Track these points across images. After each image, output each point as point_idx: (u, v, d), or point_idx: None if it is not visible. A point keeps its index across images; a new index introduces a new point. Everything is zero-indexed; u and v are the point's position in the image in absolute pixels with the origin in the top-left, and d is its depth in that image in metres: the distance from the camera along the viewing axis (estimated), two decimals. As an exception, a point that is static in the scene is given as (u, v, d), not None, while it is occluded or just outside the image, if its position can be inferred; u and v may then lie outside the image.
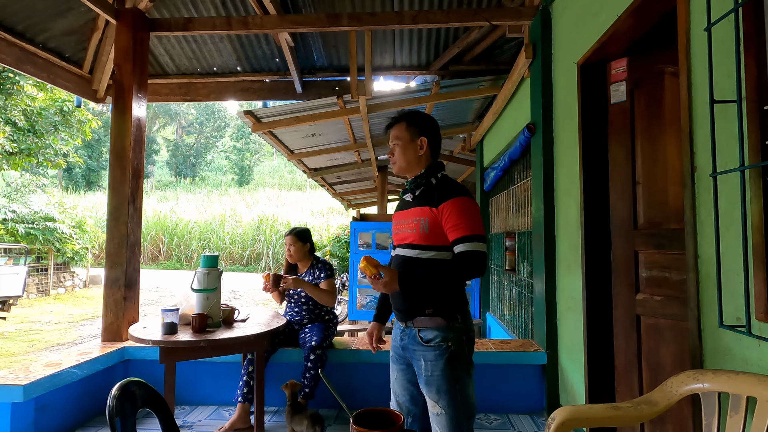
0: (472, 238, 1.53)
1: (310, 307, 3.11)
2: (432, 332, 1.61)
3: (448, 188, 1.63)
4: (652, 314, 2.11)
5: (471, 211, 1.58)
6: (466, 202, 1.59)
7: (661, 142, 2.10)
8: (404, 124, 1.72)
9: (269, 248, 18.55)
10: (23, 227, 10.98)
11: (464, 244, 1.54)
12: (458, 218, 1.55)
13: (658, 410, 1.36)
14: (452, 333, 1.60)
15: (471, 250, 1.53)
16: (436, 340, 1.60)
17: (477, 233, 1.55)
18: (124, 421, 1.18)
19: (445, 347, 1.59)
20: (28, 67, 3.63)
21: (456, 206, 1.56)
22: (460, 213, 1.55)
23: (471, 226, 1.54)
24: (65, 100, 9.93)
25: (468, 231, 1.54)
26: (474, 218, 1.57)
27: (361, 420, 1.15)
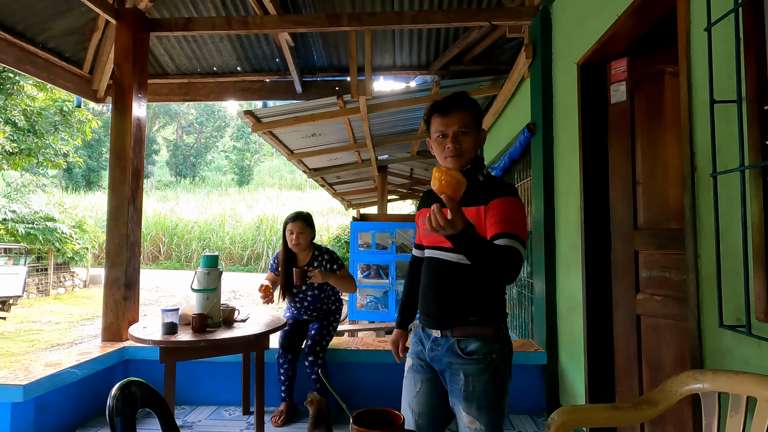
0: (514, 236, 1.33)
1: (317, 305, 2.98)
2: (475, 343, 1.43)
3: (500, 186, 1.46)
4: (653, 314, 2.11)
5: (519, 213, 1.41)
6: (516, 203, 1.42)
7: (661, 142, 2.10)
8: (471, 113, 1.50)
9: (269, 248, 18.55)
10: (23, 227, 10.98)
11: (504, 239, 1.33)
12: (505, 215, 1.37)
13: (658, 410, 1.36)
14: (497, 344, 1.44)
15: (510, 245, 1.31)
16: (481, 352, 1.42)
17: (520, 235, 1.35)
18: (124, 421, 1.17)
19: (490, 360, 1.42)
20: (28, 67, 3.63)
21: (505, 204, 1.39)
22: (508, 211, 1.38)
23: (516, 226, 1.35)
24: (65, 100, 9.93)
25: (512, 229, 1.35)
26: (521, 221, 1.39)
27: (361, 420, 1.15)
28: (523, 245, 1.35)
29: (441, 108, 1.49)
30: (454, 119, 1.46)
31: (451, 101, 1.49)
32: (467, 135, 1.47)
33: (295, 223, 2.84)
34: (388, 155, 7.51)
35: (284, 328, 2.83)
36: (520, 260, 1.32)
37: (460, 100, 1.49)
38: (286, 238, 2.88)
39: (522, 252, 1.33)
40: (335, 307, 3.08)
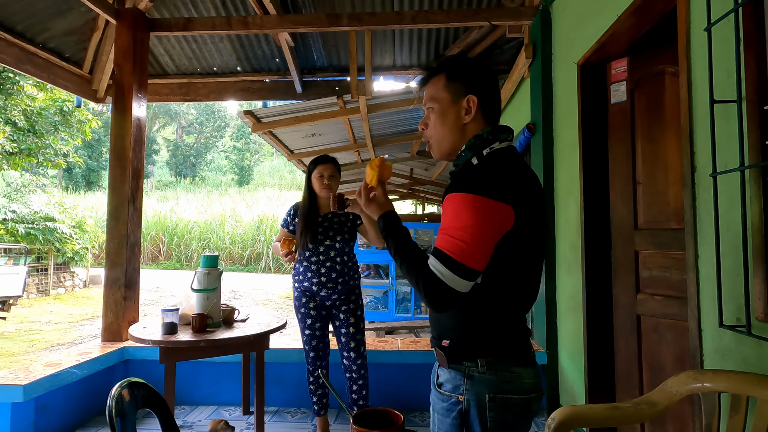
0: (443, 255, 1.00)
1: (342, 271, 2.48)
2: (445, 374, 1.12)
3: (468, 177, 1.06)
4: (653, 314, 2.11)
5: (459, 216, 1.01)
6: (459, 202, 1.02)
7: (661, 142, 2.10)
8: (443, 79, 1.14)
9: (269, 248, 18.53)
10: (23, 227, 10.97)
11: (432, 257, 1.03)
12: (448, 221, 1.03)
13: (658, 410, 1.36)
14: (467, 383, 1.07)
15: (432, 265, 1.02)
16: (447, 386, 1.11)
17: (444, 250, 1.00)
18: (124, 421, 1.18)
19: (455, 401, 1.08)
20: (28, 67, 3.63)
21: (447, 206, 1.04)
22: (444, 216, 1.04)
23: (444, 237, 1.02)
24: (65, 100, 9.92)
25: (439, 241, 1.02)
26: (458, 226, 1.00)
27: (361, 420, 1.15)
28: (450, 265, 0.99)
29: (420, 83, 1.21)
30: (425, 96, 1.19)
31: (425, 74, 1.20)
32: (432, 111, 1.15)
33: (326, 165, 2.46)
34: (388, 155, 7.51)
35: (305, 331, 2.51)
36: (432, 287, 1.00)
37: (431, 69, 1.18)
38: (312, 185, 2.48)
39: (437, 278, 0.99)
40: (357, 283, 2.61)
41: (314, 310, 2.53)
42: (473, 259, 0.99)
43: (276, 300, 10.77)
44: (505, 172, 1.06)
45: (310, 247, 2.48)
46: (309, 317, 2.53)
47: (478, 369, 1.07)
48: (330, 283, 2.49)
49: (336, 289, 2.51)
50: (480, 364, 1.07)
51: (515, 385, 1.07)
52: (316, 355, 2.54)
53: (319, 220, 2.50)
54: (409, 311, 7.24)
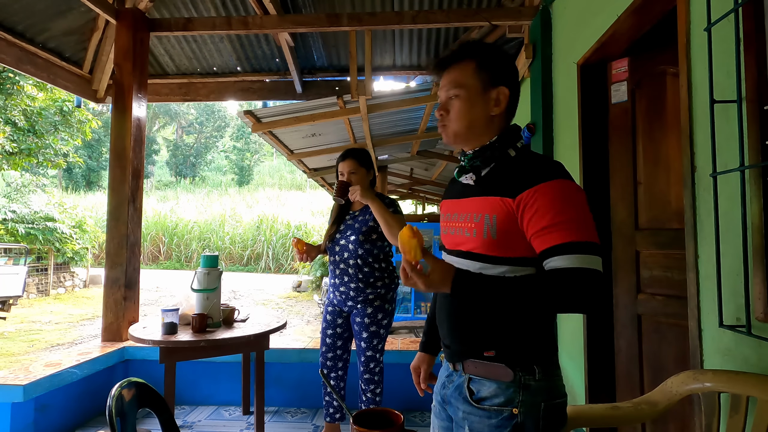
0: (578, 247, 0.91)
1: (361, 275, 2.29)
2: (489, 386, 1.02)
3: (536, 167, 1.00)
4: (653, 314, 2.11)
5: (575, 203, 0.94)
6: (566, 187, 0.95)
7: (662, 142, 2.10)
8: (473, 65, 1.06)
9: (269, 248, 18.54)
10: (23, 227, 10.97)
11: (564, 258, 0.91)
12: (553, 214, 0.93)
13: (659, 410, 1.36)
14: (523, 394, 0.99)
15: (576, 267, 0.90)
16: (495, 400, 1.00)
17: (587, 240, 0.92)
18: (124, 421, 1.18)
19: (508, 416, 0.98)
20: (28, 67, 3.63)
21: (549, 195, 0.94)
22: (556, 206, 0.93)
23: (576, 228, 0.92)
24: (65, 100, 9.92)
25: (572, 235, 0.92)
26: (581, 215, 0.94)
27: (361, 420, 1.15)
28: (596, 250, 0.93)
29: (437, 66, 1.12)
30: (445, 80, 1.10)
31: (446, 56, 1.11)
32: (457, 99, 1.07)
33: (345, 162, 2.28)
34: (388, 155, 7.51)
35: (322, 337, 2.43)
36: (594, 282, 0.91)
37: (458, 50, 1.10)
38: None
39: (597, 264, 0.92)
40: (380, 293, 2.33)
41: (330, 315, 2.43)
42: (596, 234, 0.96)
43: (276, 300, 10.77)
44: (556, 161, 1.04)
45: (328, 246, 2.37)
46: (324, 321, 2.46)
47: (535, 377, 1.00)
48: (342, 287, 2.33)
49: (348, 295, 2.32)
50: (537, 372, 1.00)
51: (561, 389, 1.04)
52: (323, 363, 2.43)
53: (347, 218, 2.37)
54: (409, 311, 7.24)
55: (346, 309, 2.40)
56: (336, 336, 2.44)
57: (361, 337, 2.35)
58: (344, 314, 2.42)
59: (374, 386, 2.40)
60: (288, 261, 17.91)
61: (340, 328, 2.43)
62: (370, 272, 2.31)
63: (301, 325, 7.78)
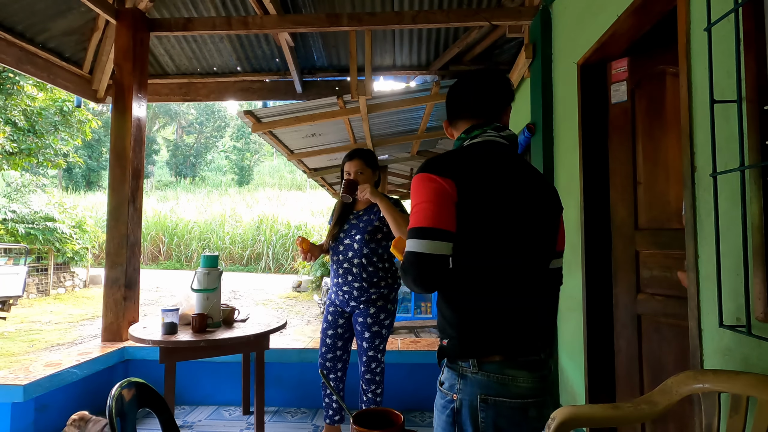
0: (411, 232, 1.07)
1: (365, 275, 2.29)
2: (445, 373, 1.14)
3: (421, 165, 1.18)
4: (653, 314, 2.11)
5: (419, 192, 1.09)
6: (416, 181, 1.11)
7: (662, 142, 2.10)
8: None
9: (269, 248, 18.54)
10: (23, 227, 10.97)
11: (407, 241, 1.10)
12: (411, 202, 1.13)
13: (659, 410, 1.36)
14: (461, 383, 1.08)
15: (407, 251, 1.08)
16: (445, 384, 1.12)
17: (417, 224, 1.06)
18: (124, 421, 1.18)
19: (450, 400, 1.09)
20: (28, 67, 3.63)
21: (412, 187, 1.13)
22: (412, 196, 1.12)
23: (414, 215, 1.08)
24: (65, 100, 9.92)
25: (411, 222, 1.09)
26: (421, 199, 1.08)
27: (361, 420, 1.15)
28: (415, 234, 1.04)
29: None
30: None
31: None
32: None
33: (352, 162, 2.28)
34: (388, 155, 7.51)
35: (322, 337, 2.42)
36: (407, 262, 1.05)
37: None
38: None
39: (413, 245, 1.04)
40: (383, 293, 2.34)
41: (332, 316, 2.42)
42: (439, 219, 1.04)
43: (276, 300, 10.77)
44: (451, 153, 1.15)
45: (332, 245, 2.36)
46: (325, 321, 2.45)
47: (470, 369, 1.07)
48: (345, 286, 2.33)
49: (352, 295, 2.32)
50: (472, 364, 1.06)
51: (508, 388, 1.05)
52: (323, 363, 2.43)
53: (350, 218, 2.37)
54: (409, 311, 7.24)
55: (348, 309, 2.40)
56: (337, 336, 2.44)
57: (363, 337, 2.35)
58: (346, 315, 2.42)
59: (375, 386, 2.40)
60: (288, 261, 17.91)
61: (341, 329, 2.44)
62: (375, 272, 2.32)
63: (301, 325, 7.78)
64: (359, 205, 2.39)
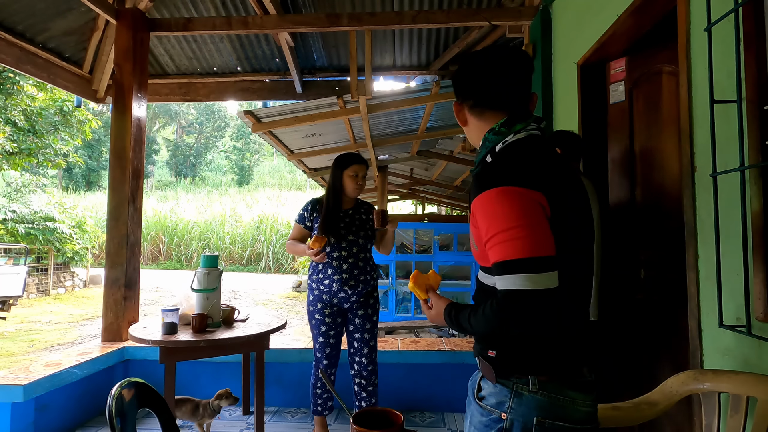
0: (509, 266, 0.88)
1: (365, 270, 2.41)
2: (488, 387, 1.01)
3: (483, 175, 0.96)
4: (652, 314, 2.11)
5: (507, 213, 0.89)
6: (497, 198, 0.90)
7: (659, 141, 2.10)
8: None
9: (269, 248, 18.54)
10: (23, 227, 10.97)
11: (500, 279, 0.90)
12: (489, 229, 0.91)
13: (659, 410, 1.36)
14: (514, 402, 0.95)
15: (506, 290, 0.88)
16: (490, 400, 0.99)
17: (518, 255, 0.87)
18: (124, 421, 1.17)
19: (497, 418, 0.97)
20: (28, 67, 3.63)
21: (482, 208, 0.93)
22: (489, 220, 0.91)
23: (508, 243, 0.88)
24: (65, 100, 9.92)
25: (502, 253, 0.89)
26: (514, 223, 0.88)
27: (361, 420, 1.15)
28: (521, 267, 0.86)
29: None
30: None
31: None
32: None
33: (362, 165, 2.42)
34: (388, 155, 7.51)
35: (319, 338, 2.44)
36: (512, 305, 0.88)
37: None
38: (341, 181, 2.42)
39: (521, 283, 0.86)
40: (376, 285, 2.52)
41: (330, 317, 2.44)
42: (542, 245, 0.87)
43: (276, 300, 10.77)
44: (524, 159, 0.96)
45: (332, 243, 2.38)
46: (324, 324, 2.44)
47: (529, 387, 0.95)
48: (352, 281, 2.39)
49: (357, 289, 2.41)
50: (532, 382, 0.95)
51: (568, 412, 0.94)
52: (329, 363, 2.48)
53: (341, 216, 2.45)
54: (409, 311, 7.24)
55: (346, 305, 2.47)
56: (338, 335, 2.49)
57: (365, 328, 2.47)
58: (341, 311, 2.49)
59: (375, 377, 2.51)
60: (288, 261, 17.91)
61: (339, 327, 2.49)
62: (372, 266, 2.50)
63: (301, 325, 7.78)
64: (347, 203, 2.48)
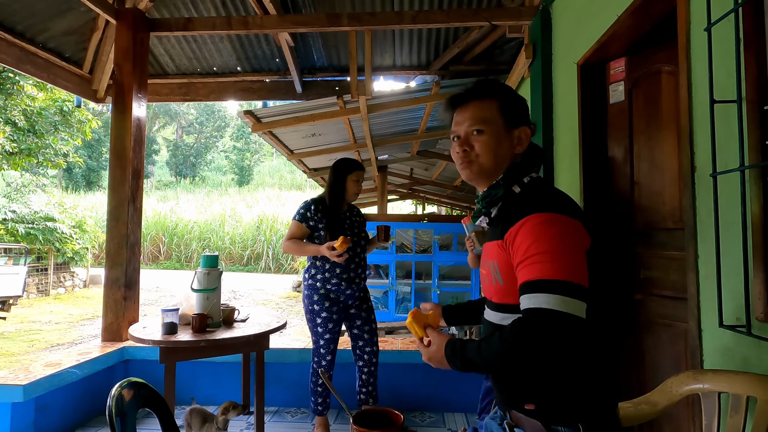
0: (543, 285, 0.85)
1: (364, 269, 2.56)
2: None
3: (526, 202, 0.96)
4: (651, 314, 2.11)
5: (554, 236, 0.89)
6: (547, 221, 0.91)
7: (658, 141, 2.10)
8: (496, 104, 1.07)
9: (269, 248, 18.54)
10: (23, 227, 10.97)
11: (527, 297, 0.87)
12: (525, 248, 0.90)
13: (658, 410, 1.36)
14: None
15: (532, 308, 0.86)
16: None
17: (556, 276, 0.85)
18: (124, 421, 1.17)
19: None
20: (28, 67, 3.63)
21: (528, 229, 0.91)
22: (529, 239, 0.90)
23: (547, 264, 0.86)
24: (65, 100, 9.92)
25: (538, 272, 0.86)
26: (555, 249, 0.87)
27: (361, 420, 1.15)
28: (565, 290, 0.84)
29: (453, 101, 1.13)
30: (464, 115, 1.09)
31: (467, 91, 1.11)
32: (483, 134, 1.06)
33: (362, 171, 2.55)
34: (388, 155, 7.51)
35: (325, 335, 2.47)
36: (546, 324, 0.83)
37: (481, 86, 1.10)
38: (344, 185, 2.51)
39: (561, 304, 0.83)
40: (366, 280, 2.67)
41: (336, 315, 2.51)
42: (578, 275, 0.87)
43: (276, 300, 10.77)
44: (559, 192, 1.01)
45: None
46: (331, 321, 2.49)
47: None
48: (357, 279, 2.53)
49: (360, 286, 2.56)
50: (582, 429, 0.89)
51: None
52: (332, 360, 2.54)
53: (342, 217, 2.56)
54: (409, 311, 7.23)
55: (350, 302, 2.57)
56: (338, 333, 2.56)
57: (370, 319, 2.59)
58: (345, 308, 2.58)
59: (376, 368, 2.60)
60: (288, 261, 17.91)
61: (341, 324, 2.58)
62: (365, 264, 2.62)
63: (301, 325, 7.78)
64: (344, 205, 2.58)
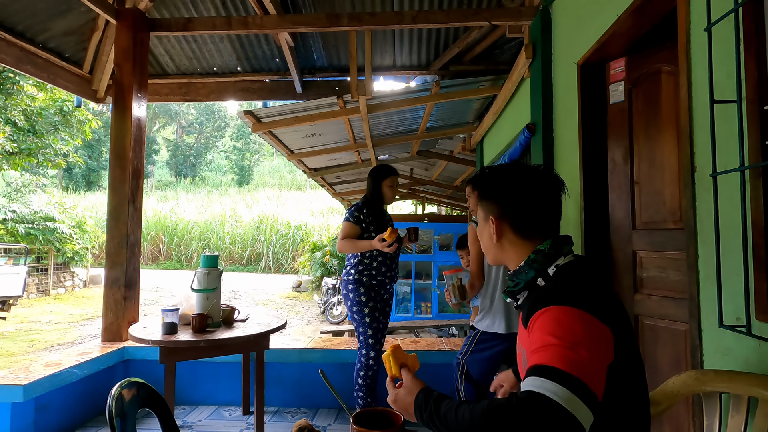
0: (548, 371, 0.80)
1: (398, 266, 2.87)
2: None
3: (545, 295, 0.93)
4: (650, 315, 2.11)
5: (563, 327, 0.85)
6: (561, 314, 0.87)
7: (658, 141, 2.10)
8: (476, 195, 1.15)
9: (269, 248, 18.55)
10: (23, 227, 10.97)
11: (530, 380, 0.82)
12: (535, 339, 0.88)
13: (660, 410, 1.36)
14: None
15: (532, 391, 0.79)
16: None
17: (563, 368, 0.79)
18: (124, 421, 1.18)
19: None
20: (28, 67, 3.63)
21: (543, 321, 0.89)
22: (544, 331, 0.86)
23: (551, 352, 0.82)
24: (65, 100, 9.93)
25: (547, 359, 0.82)
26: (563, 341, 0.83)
27: (361, 420, 1.15)
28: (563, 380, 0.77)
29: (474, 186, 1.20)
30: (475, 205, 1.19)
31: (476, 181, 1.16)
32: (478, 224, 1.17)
33: (396, 176, 2.83)
34: (388, 155, 7.51)
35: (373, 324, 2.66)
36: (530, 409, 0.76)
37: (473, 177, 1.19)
38: (383, 192, 2.80)
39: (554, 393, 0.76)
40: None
41: (380, 303, 2.75)
42: (592, 379, 0.79)
43: (276, 300, 10.77)
44: (588, 286, 0.95)
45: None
46: (377, 311, 2.71)
47: None
48: (394, 276, 2.82)
49: (394, 281, 2.83)
50: None
51: None
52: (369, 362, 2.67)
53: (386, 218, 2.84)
54: (409, 311, 7.24)
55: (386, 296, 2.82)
56: (386, 325, 2.78)
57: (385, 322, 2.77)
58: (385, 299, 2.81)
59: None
60: (288, 261, 17.92)
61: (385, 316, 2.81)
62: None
63: (301, 325, 7.78)
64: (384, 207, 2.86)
